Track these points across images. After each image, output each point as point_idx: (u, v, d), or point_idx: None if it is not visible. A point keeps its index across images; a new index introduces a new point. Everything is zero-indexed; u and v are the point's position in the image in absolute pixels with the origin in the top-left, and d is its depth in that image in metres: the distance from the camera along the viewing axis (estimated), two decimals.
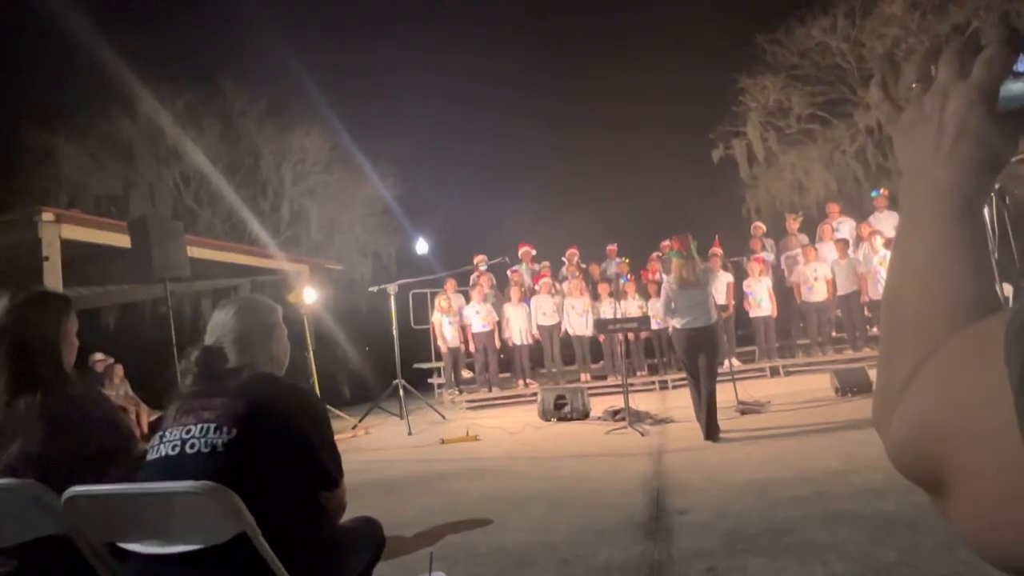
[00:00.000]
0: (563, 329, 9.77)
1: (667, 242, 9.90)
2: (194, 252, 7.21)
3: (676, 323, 5.52)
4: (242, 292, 11.52)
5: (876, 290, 8.94)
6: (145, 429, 7.85)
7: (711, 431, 5.38)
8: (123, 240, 6.08)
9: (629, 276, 9.92)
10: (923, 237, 0.51)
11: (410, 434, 7.38)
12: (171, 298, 5.92)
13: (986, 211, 0.54)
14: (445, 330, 9.81)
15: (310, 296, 9.52)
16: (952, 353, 0.43)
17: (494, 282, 10.67)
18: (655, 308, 5.85)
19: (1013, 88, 0.49)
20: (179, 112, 16.68)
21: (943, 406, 0.42)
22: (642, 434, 6.01)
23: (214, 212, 17.33)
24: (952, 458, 0.40)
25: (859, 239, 9.50)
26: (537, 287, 10.00)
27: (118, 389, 8.72)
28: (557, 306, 9.79)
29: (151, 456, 1.55)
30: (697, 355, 5.49)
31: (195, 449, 1.48)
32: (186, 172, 17.13)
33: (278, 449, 1.52)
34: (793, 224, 10.35)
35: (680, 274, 5.47)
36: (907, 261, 0.52)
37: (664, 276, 5.92)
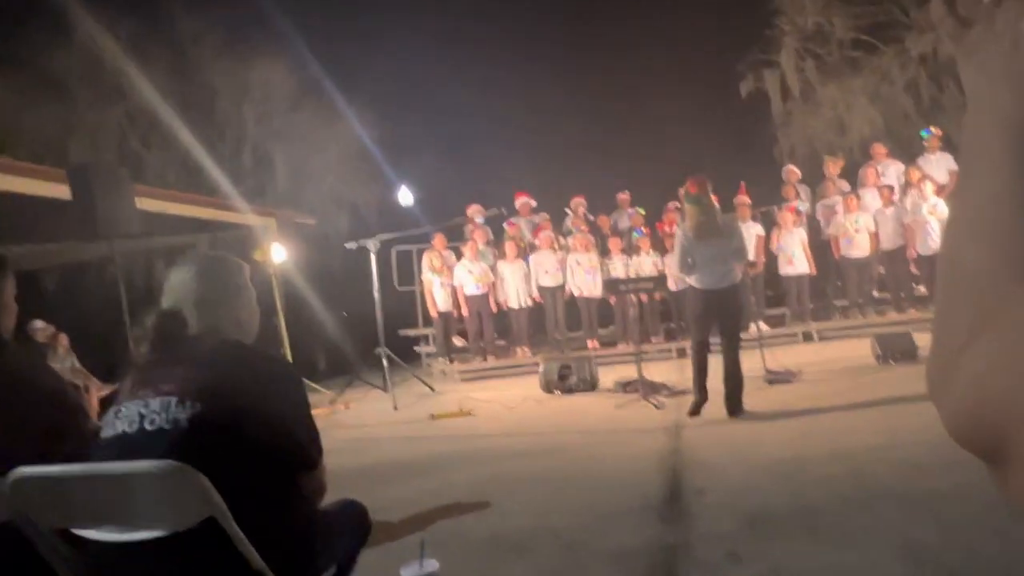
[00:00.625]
0: (567, 290, 9.80)
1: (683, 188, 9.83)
2: (144, 204, 7.16)
3: (693, 281, 5.43)
4: (201, 250, 11.48)
5: (926, 244, 8.96)
6: (96, 406, 7.93)
7: (734, 407, 5.40)
8: (62, 191, 6.03)
9: (644, 229, 9.89)
10: (987, 176, 0.50)
11: (395, 409, 7.47)
12: (119, 258, 5.91)
13: None
14: (436, 292, 9.83)
15: (279, 254, 9.52)
16: (1019, 310, 0.44)
17: (491, 237, 10.64)
18: (671, 263, 5.66)
19: None
20: (123, 42, 16.34)
21: (1008, 369, 0.43)
22: (657, 407, 6.10)
23: (165, 158, 17.14)
24: (1016, 426, 0.41)
25: (907, 185, 9.47)
26: (536, 242, 9.97)
27: (64, 361, 8.77)
28: (560, 264, 9.78)
29: (105, 433, 1.57)
30: (713, 320, 5.41)
31: (155, 425, 1.50)
32: (132, 112, 16.87)
33: (248, 424, 1.54)
34: (832, 168, 10.28)
35: (698, 222, 5.31)
36: (968, 204, 0.51)
37: (679, 226, 5.78)
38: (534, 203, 10.91)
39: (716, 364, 5.51)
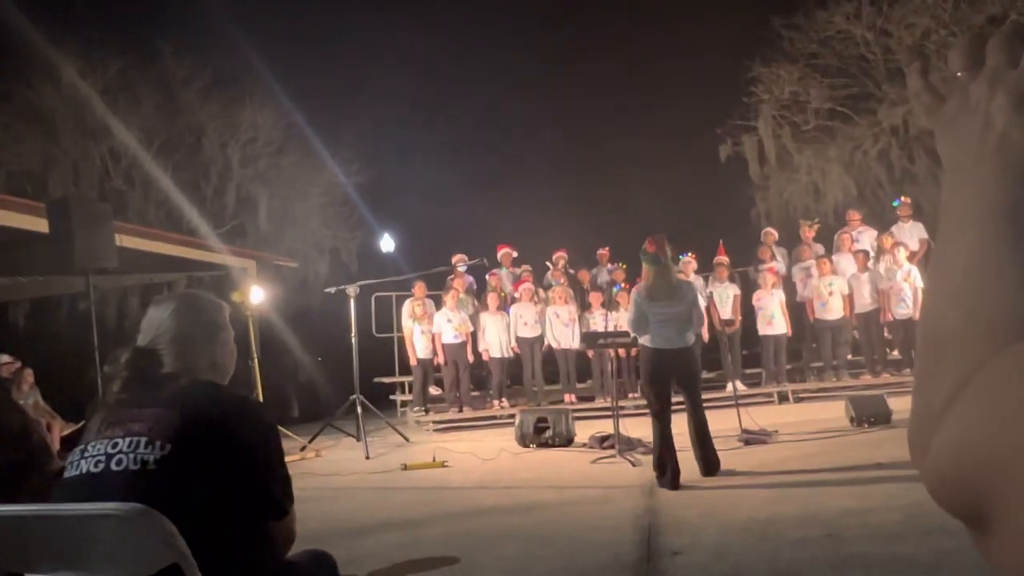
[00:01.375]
0: (546, 342, 9.80)
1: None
2: (123, 241, 7.10)
3: (646, 340, 5.30)
4: (177, 289, 11.36)
5: (897, 308, 9.11)
6: (57, 445, 7.69)
7: (709, 467, 5.33)
8: (39, 224, 5.97)
9: (623, 284, 9.97)
10: (965, 243, 0.51)
11: (368, 458, 7.33)
12: (94, 293, 5.82)
13: None
14: (416, 340, 9.77)
15: (257, 296, 9.43)
16: (1000, 373, 0.44)
17: (474, 286, 10.65)
18: (625, 322, 5.48)
19: None
20: (111, 80, 16.44)
21: (989, 431, 0.43)
22: (633, 464, 6.04)
23: (147, 195, 17.07)
24: (998, 489, 0.41)
25: (881, 251, 9.68)
26: (517, 294, 10.01)
27: (27, 397, 8.54)
28: (540, 316, 9.81)
29: (69, 473, 1.52)
30: (666, 383, 5.27)
31: (122, 466, 1.46)
32: (116, 149, 16.86)
33: (218, 469, 1.50)
34: (808, 232, 10.51)
35: (653, 282, 5.26)
36: (947, 270, 0.52)
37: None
38: (515, 254, 10.99)
39: (681, 424, 5.36)
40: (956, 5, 14.56)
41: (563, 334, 9.70)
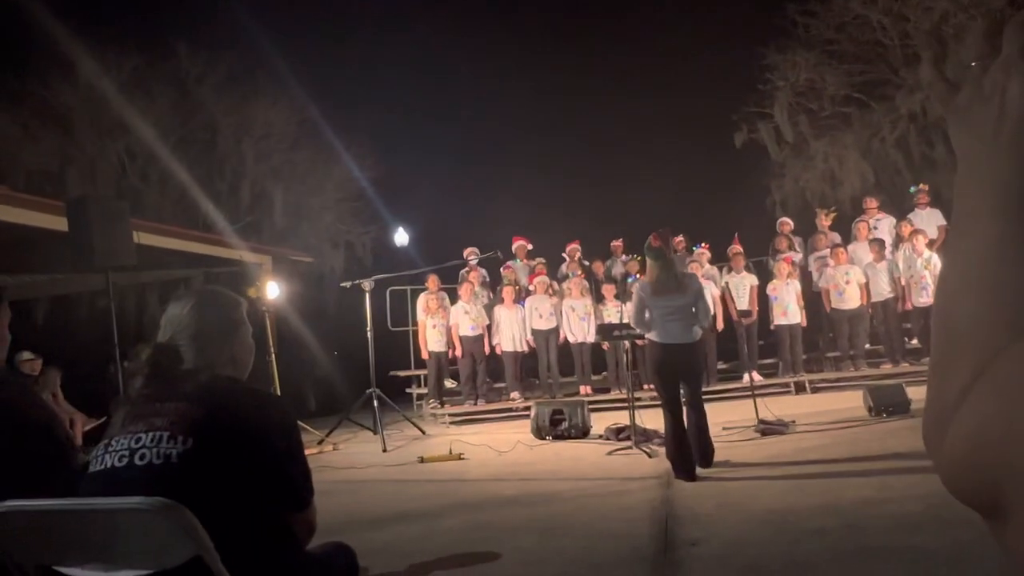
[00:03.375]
0: (562, 335, 9.80)
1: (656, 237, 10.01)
2: (141, 238, 7.18)
3: (652, 335, 5.33)
4: (194, 285, 11.47)
5: (918, 297, 9.03)
6: (80, 440, 7.81)
7: (705, 457, 5.32)
8: (59, 223, 6.05)
9: (638, 276, 9.94)
10: (979, 234, 0.51)
11: (385, 451, 7.38)
12: (113, 290, 5.90)
13: None
14: (430, 334, 9.80)
15: (273, 291, 9.50)
16: (1015, 362, 0.44)
17: (486, 279, 10.65)
18: (629, 316, 5.55)
19: None
20: (126, 78, 16.57)
21: (1005, 421, 0.43)
22: (649, 455, 6.04)
23: (163, 193, 17.21)
24: (1014, 478, 0.42)
25: (899, 239, 9.58)
26: (532, 287, 10.00)
27: (45, 393, 8.67)
28: (555, 308, 9.80)
29: (94, 468, 1.55)
30: (673, 378, 5.27)
31: (145, 460, 1.49)
32: (132, 146, 17.01)
33: (240, 462, 1.53)
34: (824, 220, 10.42)
35: (656, 277, 5.27)
36: (961, 261, 0.52)
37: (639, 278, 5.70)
38: (530, 247, 10.98)
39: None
40: None
41: (579, 328, 9.70)
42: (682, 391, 5.34)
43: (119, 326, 5.90)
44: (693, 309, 5.28)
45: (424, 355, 9.91)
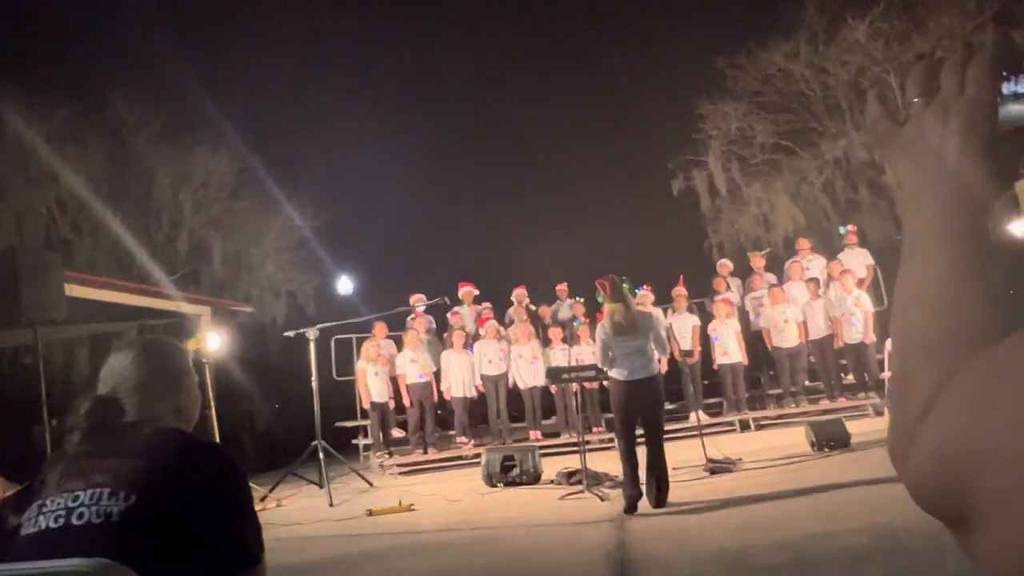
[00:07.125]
0: (511, 380, 9.76)
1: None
2: (72, 290, 6.90)
3: (614, 373, 5.61)
4: (133, 336, 11.04)
5: (850, 334, 9.35)
6: None
7: (660, 499, 5.40)
8: None
9: (583, 319, 10.04)
10: (930, 258, 0.54)
11: (331, 505, 7.14)
12: (41, 346, 5.62)
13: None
14: (370, 381, 9.62)
15: (213, 343, 9.21)
16: (976, 375, 0.46)
17: (433, 325, 10.58)
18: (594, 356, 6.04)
19: (1013, 109, 0.55)
20: (57, 127, 16.11)
21: (968, 432, 0.44)
22: (602, 499, 6.01)
23: (96, 244, 16.65)
24: (979, 487, 0.43)
25: (829, 278, 9.97)
26: (482, 331, 9.97)
27: None
28: (504, 353, 9.78)
29: (27, 530, 1.45)
30: (635, 411, 5.54)
31: (84, 520, 1.40)
32: (62, 196, 16.44)
33: (187, 518, 1.45)
34: (757, 261, 10.78)
35: (615, 322, 5.55)
36: (915, 284, 0.55)
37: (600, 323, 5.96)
38: (477, 292, 10.99)
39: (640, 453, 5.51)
40: (888, 44, 15.32)
41: (527, 372, 9.69)
42: (639, 431, 5.48)
43: (46, 384, 5.62)
44: (652, 345, 5.57)
45: (365, 404, 9.71)
